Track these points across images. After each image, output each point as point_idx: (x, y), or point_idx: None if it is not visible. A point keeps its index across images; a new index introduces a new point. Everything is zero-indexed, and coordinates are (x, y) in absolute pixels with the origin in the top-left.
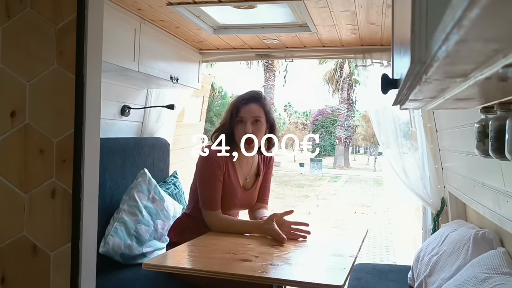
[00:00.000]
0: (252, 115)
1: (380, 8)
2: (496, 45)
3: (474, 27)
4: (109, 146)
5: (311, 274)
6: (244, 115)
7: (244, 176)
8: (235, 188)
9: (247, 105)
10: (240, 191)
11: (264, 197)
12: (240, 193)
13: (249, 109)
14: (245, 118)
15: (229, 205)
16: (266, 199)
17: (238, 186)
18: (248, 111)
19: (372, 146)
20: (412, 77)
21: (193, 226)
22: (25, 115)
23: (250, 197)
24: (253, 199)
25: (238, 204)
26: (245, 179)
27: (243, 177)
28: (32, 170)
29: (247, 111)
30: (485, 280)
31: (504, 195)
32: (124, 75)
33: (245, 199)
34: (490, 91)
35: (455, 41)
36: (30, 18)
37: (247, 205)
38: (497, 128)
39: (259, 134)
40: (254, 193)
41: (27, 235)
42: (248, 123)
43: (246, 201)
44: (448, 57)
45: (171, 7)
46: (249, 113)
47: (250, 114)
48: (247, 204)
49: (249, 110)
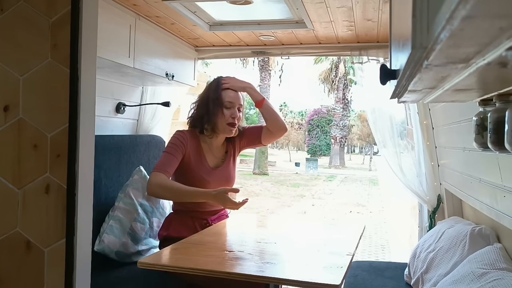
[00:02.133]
0: (239, 103)
1: (376, 4)
2: (503, 22)
3: (481, 0)
4: (104, 144)
5: (308, 273)
6: (233, 101)
7: (213, 155)
8: (203, 166)
9: (235, 92)
10: (209, 169)
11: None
12: (209, 170)
13: (237, 96)
14: (234, 104)
15: (201, 182)
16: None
17: (206, 165)
18: (236, 97)
19: (368, 146)
20: (412, 64)
21: (180, 219)
22: (18, 109)
23: (222, 174)
24: (228, 176)
25: (212, 181)
26: (215, 158)
27: (212, 156)
28: (25, 165)
29: (236, 98)
30: (482, 275)
31: (502, 190)
32: (119, 72)
33: (217, 176)
34: (490, 80)
35: (461, 18)
36: (23, 11)
37: (222, 182)
38: (496, 120)
39: (240, 120)
40: (225, 170)
41: (21, 231)
42: (235, 108)
43: (220, 179)
44: (452, 38)
45: (166, 3)
46: (237, 100)
47: (238, 101)
48: (222, 181)
49: (237, 97)
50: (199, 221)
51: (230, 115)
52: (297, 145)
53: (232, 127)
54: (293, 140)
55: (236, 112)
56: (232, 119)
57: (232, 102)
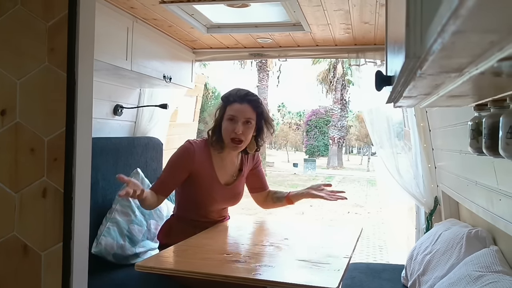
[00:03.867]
0: (245, 116)
1: (373, 7)
2: (493, 36)
3: (471, 16)
4: (101, 146)
5: (305, 275)
6: (236, 114)
7: (225, 171)
8: (213, 183)
9: (241, 105)
10: (218, 186)
11: (263, 185)
12: (219, 188)
13: (242, 109)
14: (237, 118)
15: (209, 199)
16: (265, 186)
17: (216, 181)
18: (241, 110)
19: (366, 147)
20: (406, 72)
21: (181, 227)
22: (15, 113)
23: (232, 192)
24: (236, 194)
25: (219, 199)
26: (226, 175)
27: (223, 172)
28: (22, 169)
29: (240, 111)
30: (478, 278)
31: (497, 194)
32: (117, 74)
33: (226, 194)
34: (484, 87)
35: (452, 32)
36: (20, 15)
37: (230, 200)
38: (490, 126)
39: (248, 135)
40: (235, 188)
41: (18, 235)
42: (240, 122)
43: (228, 196)
44: (444, 50)
45: (164, 6)
46: (242, 113)
47: (243, 114)
48: (230, 199)
49: (242, 110)
50: (201, 230)
51: (232, 129)
52: (295, 146)
53: (235, 143)
54: (291, 141)
55: (239, 127)
56: (234, 134)
57: (234, 116)
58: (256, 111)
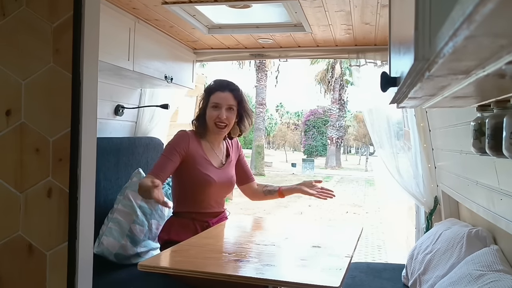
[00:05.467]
0: (228, 103)
1: (374, 8)
2: (504, 40)
3: (485, 22)
4: (103, 146)
5: (307, 275)
6: (220, 102)
7: (215, 155)
8: (207, 164)
9: (223, 92)
10: (212, 167)
11: (250, 176)
12: (213, 169)
13: (225, 96)
14: (221, 105)
15: (205, 180)
16: (252, 177)
17: (209, 163)
18: (224, 98)
19: (364, 146)
20: (414, 74)
21: (181, 222)
22: (20, 114)
23: (225, 174)
24: (230, 177)
25: (216, 180)
26: (216, 159)
27: (214, 156)
28: (28, 169)
29: (223, 98)
30: (479, 277)
31: (498, 193)
32: (118, 74)
33: (220, 176)
34: (488, 88)
35: (465, 37)
36: (25, 16)
37: (225, 183)
38: (494, 126)
39: (231, 120)
40: (228, 172)
41: (23, 234)
42: (223, 109)
43: (223, 178)
44: (455, 53)
45: (166, 6)
46: (224, 100)
47: (226, 101)
48: (225, 181)
49: (225, 97)
50: (200, 223)
51: (217, 115)
52: (294, 146)
53: (219, 128)
54: (290, 141)
55: (223, 113)
56: (219, 119)
57: (218, 103)
58: (237, 99)
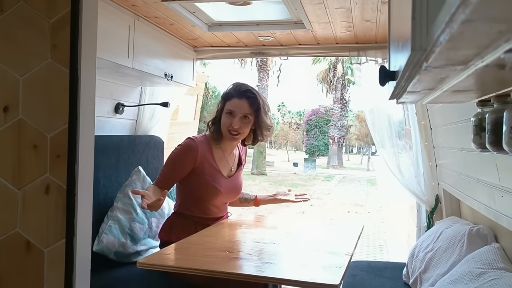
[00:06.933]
0: (242, 112)
1: (375, 5)
2: (502, 25)
3: (481, 5)
4: (103, 144)
5: (307, 272)
6: (234, 109)
7: (226, 163)
8: (217, 175)
9: (240, 100)
10: (221, 177)
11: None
12: (222, 179)
13: (240, 104)
14: (235, 112)
15: (213, 192)
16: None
17: (219, 173)
18: (239, 105)
19: (366, 146)
20: (412, 65)
21: (182, 224)
22: (18, 110)
23: (234, 183)
24: (238, 186)
25: (224, 191)
26: (227, 166)
27: (224, 164)
28: (25, 165)
29: (238, 106)
30: (480, 275)
31: (499, 190)
32: (118, 72)
33: (229, 185)
34: (488, 81)
35: (461, 21)
36: (23, 11)
37: (232, 192)
38: (494, 121)
39: (245, 129)
40: (236, 179)
41: (21, 231)
42: (237, 117)
43: (231, 188)
44: (452, 41)
45: (165, 3)
46: (239, 108)
47: (241, 109)
48: (232, 190)
49: (240, 105)
50: (202, 227)
51: (230, 123)
52: (295, 145)
53: (232, 135)
54: (291, 140)
55: (236, 121)
56: (232, 127)
57: (232, 110)
58: (254, 107)
